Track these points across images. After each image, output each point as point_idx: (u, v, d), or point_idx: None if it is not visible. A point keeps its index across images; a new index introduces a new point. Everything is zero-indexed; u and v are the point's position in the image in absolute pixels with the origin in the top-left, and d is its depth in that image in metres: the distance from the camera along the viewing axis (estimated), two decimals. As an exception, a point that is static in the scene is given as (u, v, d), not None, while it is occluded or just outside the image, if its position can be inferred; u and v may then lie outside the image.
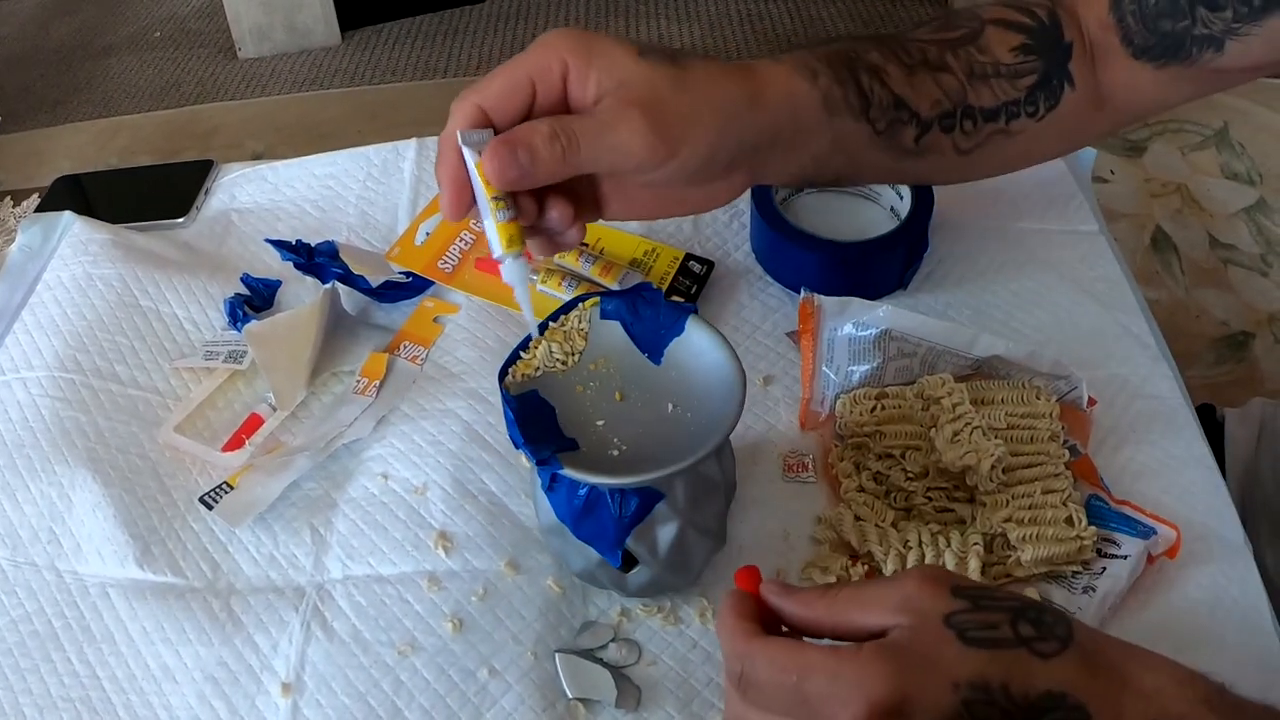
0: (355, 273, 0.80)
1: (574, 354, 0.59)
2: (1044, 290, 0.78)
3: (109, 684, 0.61)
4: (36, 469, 0.70)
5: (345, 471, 0.70)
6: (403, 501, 0.68)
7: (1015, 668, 0.42)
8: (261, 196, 0.91)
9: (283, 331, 0.76)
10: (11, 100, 2.53)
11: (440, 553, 0.65)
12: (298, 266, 0.81)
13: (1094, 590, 0.60)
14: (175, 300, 0.81)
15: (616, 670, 0.59)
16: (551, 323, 0.60)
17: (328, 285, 0.78)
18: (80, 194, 0.96)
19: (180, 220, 0.89)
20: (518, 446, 0.54)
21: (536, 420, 0.56)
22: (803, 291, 0.70)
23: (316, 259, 0.81)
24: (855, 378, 0.69)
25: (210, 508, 0.67)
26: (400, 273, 0.81)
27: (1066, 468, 0.64)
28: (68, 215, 0.87)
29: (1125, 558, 0.61)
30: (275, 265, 0.83)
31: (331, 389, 0.75)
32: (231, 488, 0.68)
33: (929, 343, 0.68)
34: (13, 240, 0.87)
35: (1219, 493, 0.66)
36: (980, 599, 0.44)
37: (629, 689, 0.59)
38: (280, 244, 0.82)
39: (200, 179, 0.93)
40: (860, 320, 0.68)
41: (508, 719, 0.58)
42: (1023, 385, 0.68)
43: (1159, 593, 0.61)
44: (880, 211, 0.80)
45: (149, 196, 0.93)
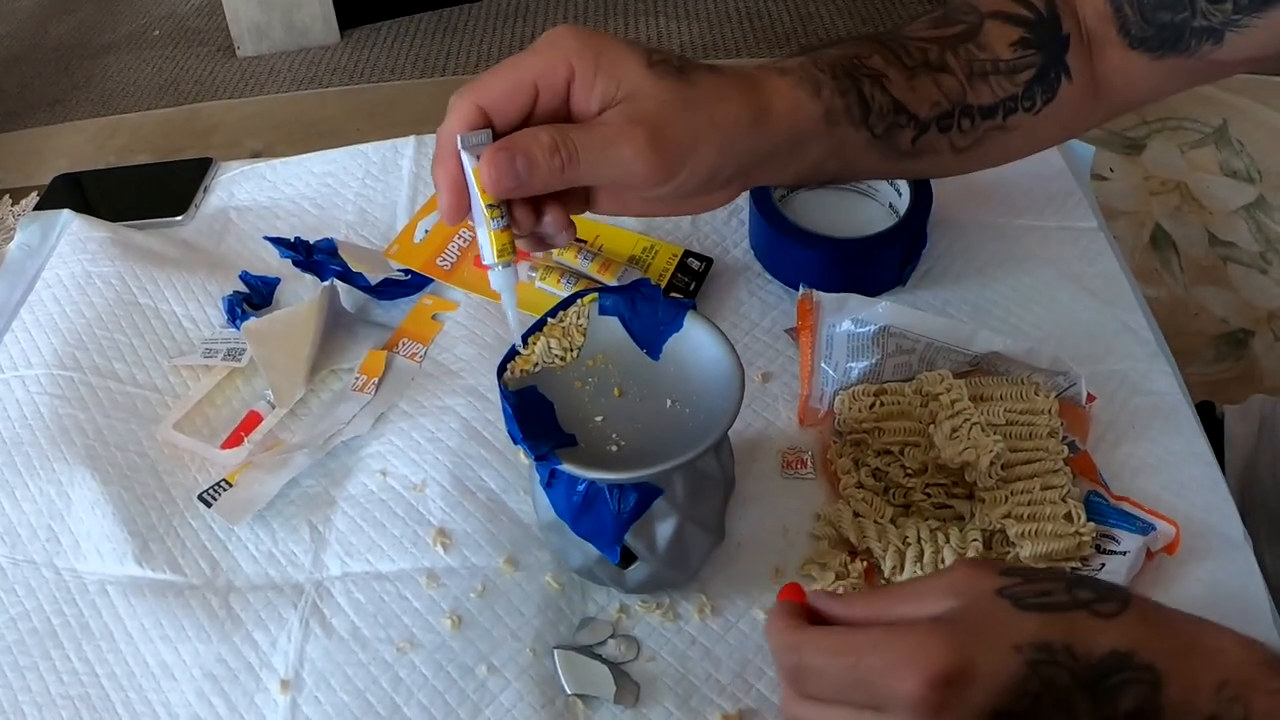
0: (354, 270, 0.80)
1: (572, 350, 0.59)
2: (1043, 287, 0.78)
3: (108, 681, 0.61)
4: (35, 467, 0.70)
5: (344, 469, 0.70)
6: (401, 499, 0.68)
7: (1076, 628, 0.41)
8: (260, 194, 0.91)
9: (281, 329, 0.76)
10: (10, 99, 2.53)
11: (439, 550, 0.65)
12: (296, 264, 0.81)
13: (1093, 586, 0.60)
14: (174, 298, 0.81)
15: (615, 666, 0.59)
16: (550, 319, 0.59)
17: (326, 283, 0.78)
18: (79, 192, 0.96)
19: (179, 218, 0.89)
20: (516, 442, 0.54)
21: (535, 416, 0.56)
22: (801, 288, 0.70)
23: (315, 256, 0.81)
24: (854, 374, 0.69)
25: (209, 505, 0.67)
26: (399, 270, 0.81)
27: (1065, 464, 0.64)
28: (66, 213, 0.87)
29: (1124, 554, 0.61)
30: (274, 263, 0.83)
31: (330, 386, 0.75)
32: (230, 485, 0.68)
33: (928, 339, 0.68)
34: (11, 238, 0.87)
35: (1218, 489, 0.66)
36: (1031, 573, 0.44)
37: (628, 685, 0.59)
38: (279, 241, 0.82)
39: (199, 177, 0.93)
40: (859, 317, 0.68)
41: (506, 715, 0.58)
42: (1022, 381, 0.68)
43: (1158, 589, 0.61)
44: (879, 208, 0.80)
45: (148, 194, 0.93)
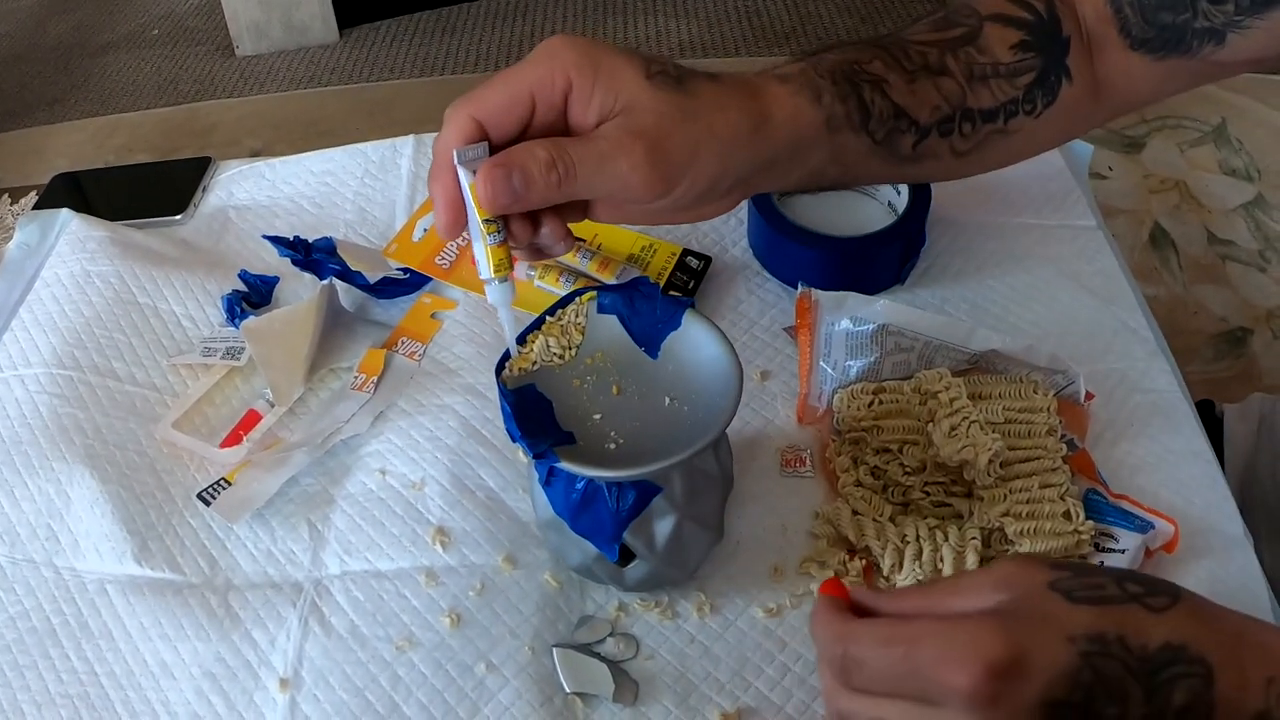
0: (353, 269, 0.80)
1: (571, 348, 0.59)
2: (1041, 285, 0.78)
3: (107, 680, 0.61)
4: (34, 466, 0.70)
5: (343, 467, 0.70)
6: (400, 497, 0.68)
7: (1129, 620, 0.41)
8: (259, 193, 0.91)
9: (280, 328, 0.76)
10: (9, 98, 2.53)
11: (438, 548, 0.65)
12: (295, 263, 0.81)
13: (1091, 584, 0.60)
14: (173, 297, 0.81)
15: (614, 665, 0.59)
16: (549, 317, 0.59)
17: (325, 281, 0.78)
18: (78, 191, 0.96)
19: (178, 217, 0.89)
20: (515, 440, 0.54)
21: (533, 414, 0.56)
22: (800, 286, 0.70)
23: (314, 255, 0.81)
24: (853, 372, 0.69)
25: (208, 504, 0.67)
26: (398, 269, 0.81)
27: (1064, 462, 0.64)
28: (65, 213, 0.87)
29: (1123, 552, 0.61)
30: (273, 262, 0.83)
31: (329, 385, 0.75)
32: (229, 484, 0.68)
33: (926, 337, 0.68)
34: (10, 238, 0.87)
35: (1217, 486, 0.66)
36: (1081, 568, 0.44)
37: (626, 683, 0.59)
38: (278, 240, 0.82)
39: (198, 176, 0.93)
40: (857, 315, 0.68)
41: (505, 714, 0.58)
42: (1020, 380, 0.68)
43: (1156, 586, 0.61)
44: (878, 207, 0.80)
45: (147, 194, 0.93)
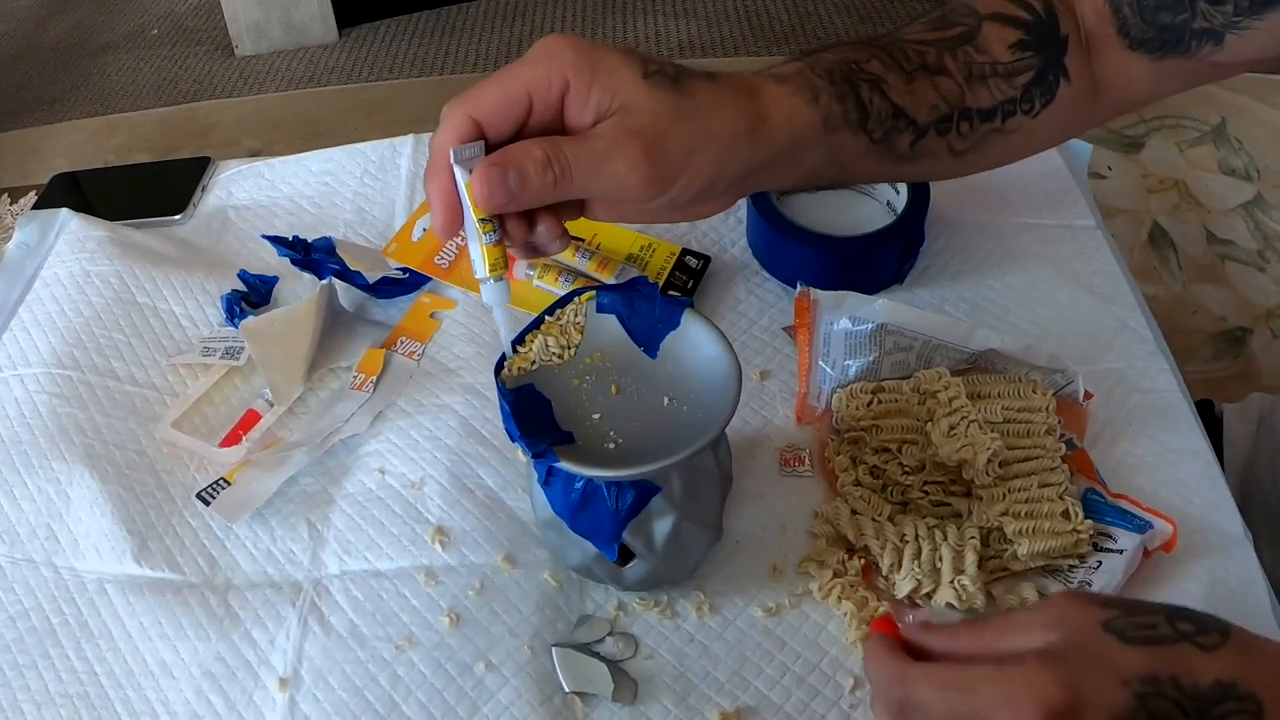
0: (352, 269, 0.80)
1: (570, 348, 0.59)
2: (1040, 284, 0.78)
3: (107, 680, 0.61)
4: (34, 465, 0.70)
5: (342, 467, 0.70)
6: (399, 497, 0.68)
7: (1180, 660, 0.42)
8: (258, 193, 0.91)
9: (279, 327, 0.76)
10: (9, 98, 2.53)
11: (437, 548, 0.65)
12: (295, 263, 0.81)
13: (1090, 585, 0.60)
14: (172, 297, 0.81)
15: (613, 664, 0.59)
16: (548, 316, 0.59)
17: (324, 281, 0.78)
18: (77, 191, 0.96)
19: (177, 217, 0.89)
20: (514, 440, 0.54)
21: (533, 414, 0.56)
22: (799, 286, 0.70)
23: (313, 255, 0.81)
24: (851, 372, 0.69)
25: (207, 503, 0.67)
26: (397, 268, 0.81)
27: (1063, 461, 0.64)
28: (65, 212, 0.87)
29: (1121, 552, 0.61)
30: (272, 261, 0.83)
31: (328, 385, 0.75)
32: (229, 483, 0.68)
33: (925, 337, 0.68)
34: (10, 237, 0.87)
35: (1217, 485, 0.66)
36: (1131, 605, 0.45)
37: (626, 683, 0.59)
38: (277, 240, 0.82)
39: (197, 176, 0.93)
40: (856, 315, 0.68)
41: (504, 713, 0.58)
42: (1019, 379, 0.68)
43: (1156, 587, 0.61)
44: (876, 206, 0.80)
45: (146, 193, 0.93)
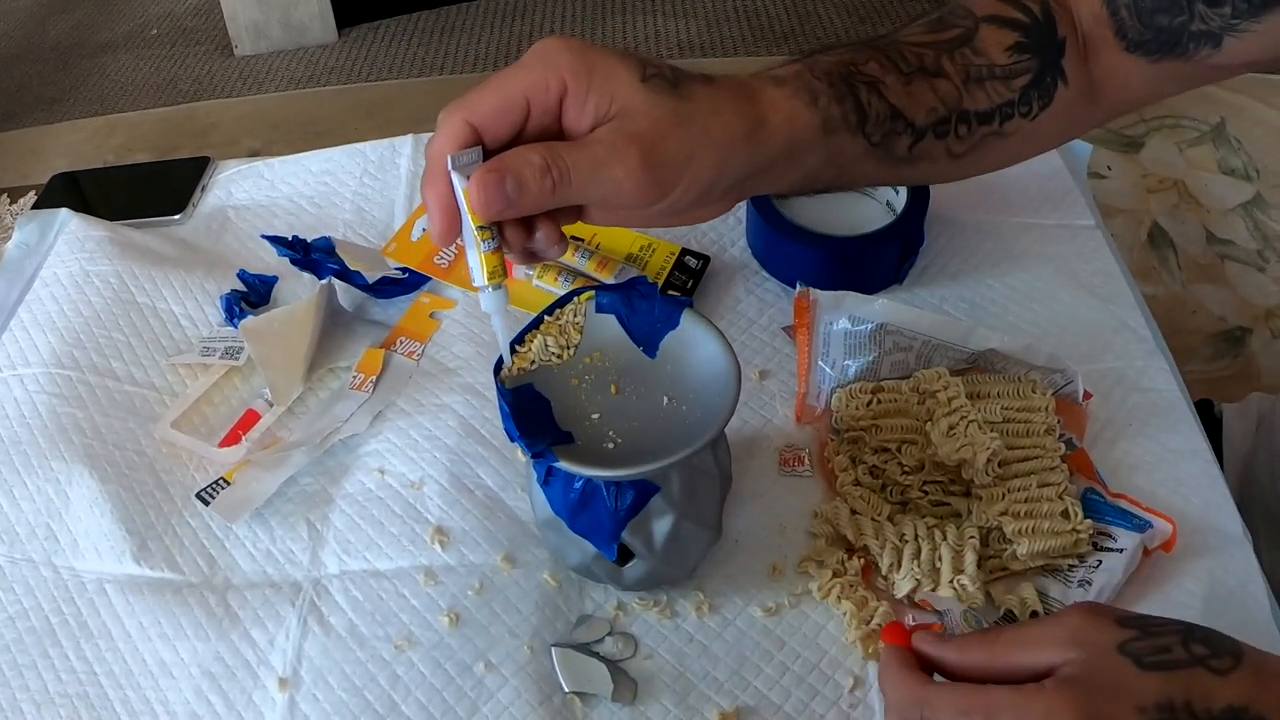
0: (351, 269, 0.80)
1: (569, 348, 0.59)
2: (1040, 284, 0.78)
3: (106, 680, 0.61)
4: (34, 465, 0.70)
5: (342, 467, 0.70)
6: (399, 496, 0.68)
7: (1195, 686, 0.43)
8: (258, 193, 0.91)
9: (279, 327, 0.76)
10: (8, 97, 2.53)
11: (436, 547, 0.65)
12: (294, 263, 0.81)
13: (1090, 584, 0.60)
14: (172, 297, 0.81)
15: (613, 664, 0.59)
16: (547, 316, 0.59)
17: (324, 281, 0.78)
18: (77, 191, 0.96)
19: (177, 217, 0.89)
20: (513, 440, 0.54)
21: (532, 414, 0.56)
22: (799, 286, 0.70)
23: (313, 255, 0.81)
24: (851, 372, 0.69)
25: (207, 503, 0.67)
26: (396, 268, 0.81)
27: (1062, 461, 0.64)
28: (64, 212, 0.87)
29: (1121, 551, 0.61)
30: (272, 261, 0.83)
31: (328, 385, 0.75)
32: (228, 483, 0.68)
33: (925, 337, 0.68)
34: (9, 237, 0.87)
35: (1216, 485, 0.66)
36: (1148, 625, 0.45)
37: (625, 683, 0.59)
38: (277, 240, 0.82)
39: (197, 176, 0.93)
40: (856, 314, 0.68)
41: (504, 713, 0.58)
42: (1018, 379, 0.68)
43: (1155, 586, 0.61)
44: (876, 206, 0.80)
45: (145, 193, 0.93)
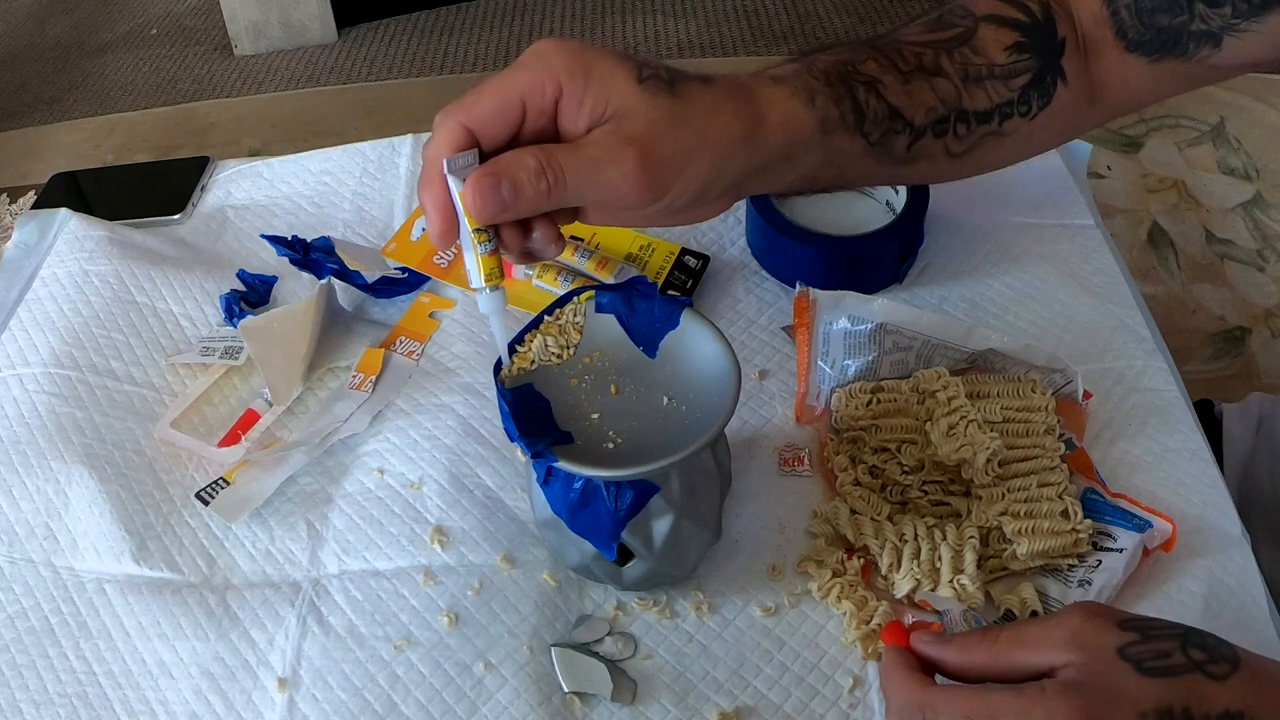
0: (351, 268, 0.80)
1: (569, 347, 0.59)
2: (1040, 284, 0.78)
3: (105, 679, 0.61)
4: (33, 465, 0.70)
5: (341, 467, 0.70)
6: (399, 496, 0.68)
7: (1193, 691, 0.44)
8: (257, 193, 0.91)
9: (278, 327, 0.76)
10: (8, 97, 2.53)
11: (436, 547, 0.65)
12: (294, 262, 0.80)
13: (1089, 584, 0.60)
14: (171, 296, 0.81)
15: (612, 664, 0.59)
16: (547, 316, 0.60)
17: (323, 281, 0.78)
18: (76, 191, 0.96)
19: (176, 217, 0.89)
20: (513, 440, 0.54)
21: (532, 414, 0.56)
22: (798, 285, 0.70)
23: (312, 255, 0.81)
24: (850, 371, 0.69)
25: (206, 503, 0.67)
26: (396, 268, 0.81)
27: (1062, 461, 0.64)
28: (64, 212, 0.87)
29: (1120, 551, 0.61)
30: (271, 261, 0.83)
31: (327, 384, 0.75)
32: (228, 483, 0.68)
33: (924, 336, 0.68)
34: (9, 237, 0.87)
35: (1215, 485, 0.66)
36: (1148, 629, 0.46)
37: (625, 683, 0.59)
38: (276, 240, 0.82)
39: (196, 176, 0.93)
40: (855, 314, 0.68)
41: (504, 713, 0.58)
42: (1018, 379, 0.68)
43: (1155, 586, 0.61)
44: (876, 206, 0.80)
45: (145, 193, 0.93)
